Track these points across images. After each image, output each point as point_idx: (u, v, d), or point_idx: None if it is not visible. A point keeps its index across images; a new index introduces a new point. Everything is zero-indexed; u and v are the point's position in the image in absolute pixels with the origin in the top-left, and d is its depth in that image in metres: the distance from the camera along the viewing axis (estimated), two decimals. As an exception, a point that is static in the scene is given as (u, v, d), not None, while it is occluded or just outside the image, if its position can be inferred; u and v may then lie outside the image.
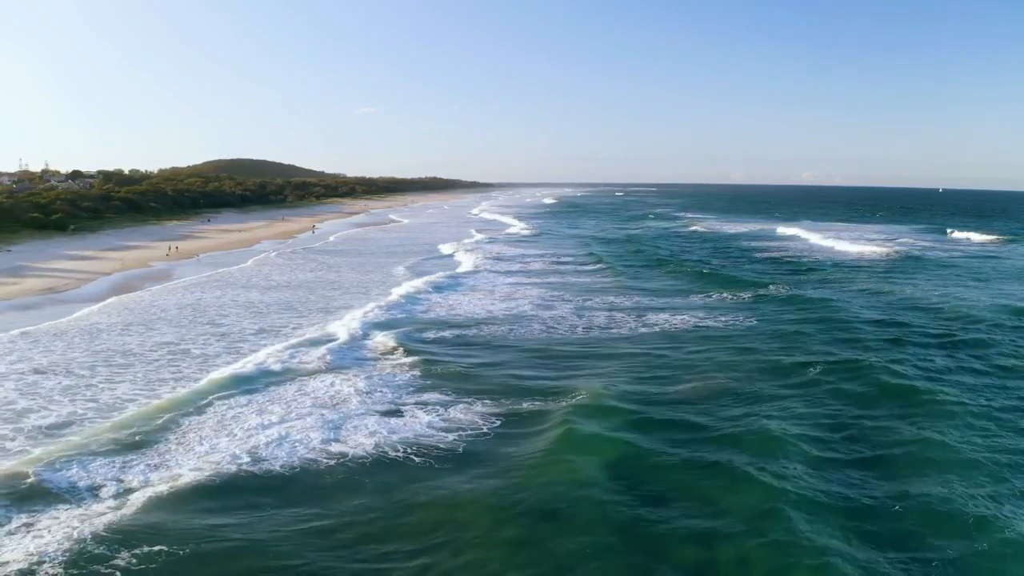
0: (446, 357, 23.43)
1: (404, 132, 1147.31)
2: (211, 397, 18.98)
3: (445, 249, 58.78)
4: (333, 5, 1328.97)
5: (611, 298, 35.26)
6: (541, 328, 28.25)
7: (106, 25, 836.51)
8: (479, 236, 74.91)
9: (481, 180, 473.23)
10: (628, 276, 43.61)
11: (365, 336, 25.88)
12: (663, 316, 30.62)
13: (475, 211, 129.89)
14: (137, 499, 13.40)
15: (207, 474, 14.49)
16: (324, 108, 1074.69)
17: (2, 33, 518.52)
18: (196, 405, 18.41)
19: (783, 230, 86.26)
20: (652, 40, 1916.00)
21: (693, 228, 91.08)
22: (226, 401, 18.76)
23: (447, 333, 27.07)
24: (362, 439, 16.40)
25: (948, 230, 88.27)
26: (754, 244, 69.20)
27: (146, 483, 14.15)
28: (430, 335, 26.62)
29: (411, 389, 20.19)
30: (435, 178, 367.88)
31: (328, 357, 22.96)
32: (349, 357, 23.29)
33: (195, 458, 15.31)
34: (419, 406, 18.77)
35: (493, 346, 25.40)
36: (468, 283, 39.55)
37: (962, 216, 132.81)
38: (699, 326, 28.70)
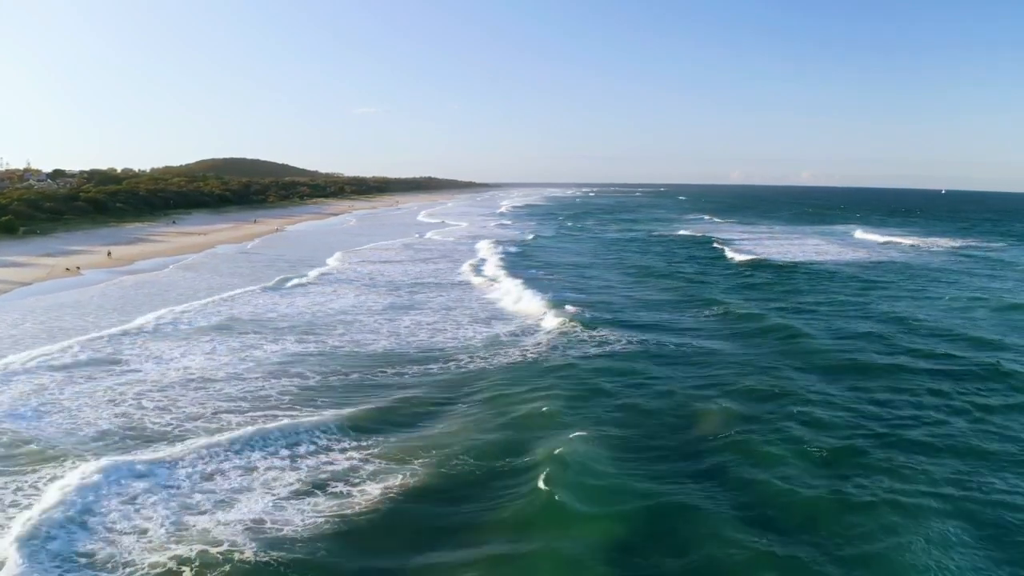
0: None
1: (403, 131, 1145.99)
2: None
3: (331, 260, 53.63)
4: (333, 5, 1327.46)
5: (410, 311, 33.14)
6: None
7: (104, 24, 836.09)
8: (402, 240, 74.38)
9: (478, 180, 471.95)
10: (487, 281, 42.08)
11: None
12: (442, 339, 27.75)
13: (423, 215, 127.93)
14: None
15: None
16: (323, 107, 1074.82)
17: (1, 32, 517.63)
18: None
19: (689, 232, 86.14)
20: (653, 41, 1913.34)
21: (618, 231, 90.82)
22: None
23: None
24: None
25: (856, 232, 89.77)
26: (649, 248, 69.09)
27: None
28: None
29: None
30: (430, 178, 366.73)
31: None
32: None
33: None
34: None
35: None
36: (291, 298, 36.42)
37: (910, 216, 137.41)
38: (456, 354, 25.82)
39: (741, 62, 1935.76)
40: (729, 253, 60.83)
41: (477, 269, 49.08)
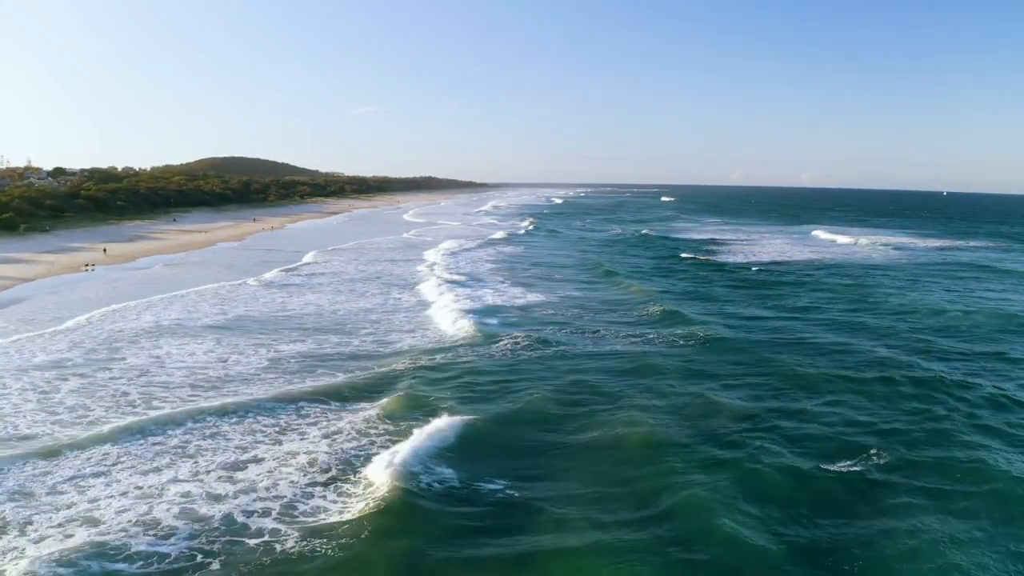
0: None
1: (403, 131, 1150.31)
2: None
3: (307, 258, 55.10)
4: (333, 5, 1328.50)
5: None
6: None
7: (104, 24, 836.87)
8: (386, 237, 76.45)
9: (478, 180, 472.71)
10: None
11: None
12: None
13: (412, 214, 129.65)
14: None
15: None
16: (323, 107, 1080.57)
17: (2, 32, 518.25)
18: None
19: (653, 232, 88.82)
20: (655, 43, 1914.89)
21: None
22: None
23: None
24: None
25: (814, 231, 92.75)
26: (608, 246, 71.83)
27: None
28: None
29: None
30: (430, 178, 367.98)
31: None
32: None
33: None
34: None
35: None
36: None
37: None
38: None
39: (741, 64, 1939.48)
40: (682, 253, 62.69)
41: (432, 267, 50.32)
